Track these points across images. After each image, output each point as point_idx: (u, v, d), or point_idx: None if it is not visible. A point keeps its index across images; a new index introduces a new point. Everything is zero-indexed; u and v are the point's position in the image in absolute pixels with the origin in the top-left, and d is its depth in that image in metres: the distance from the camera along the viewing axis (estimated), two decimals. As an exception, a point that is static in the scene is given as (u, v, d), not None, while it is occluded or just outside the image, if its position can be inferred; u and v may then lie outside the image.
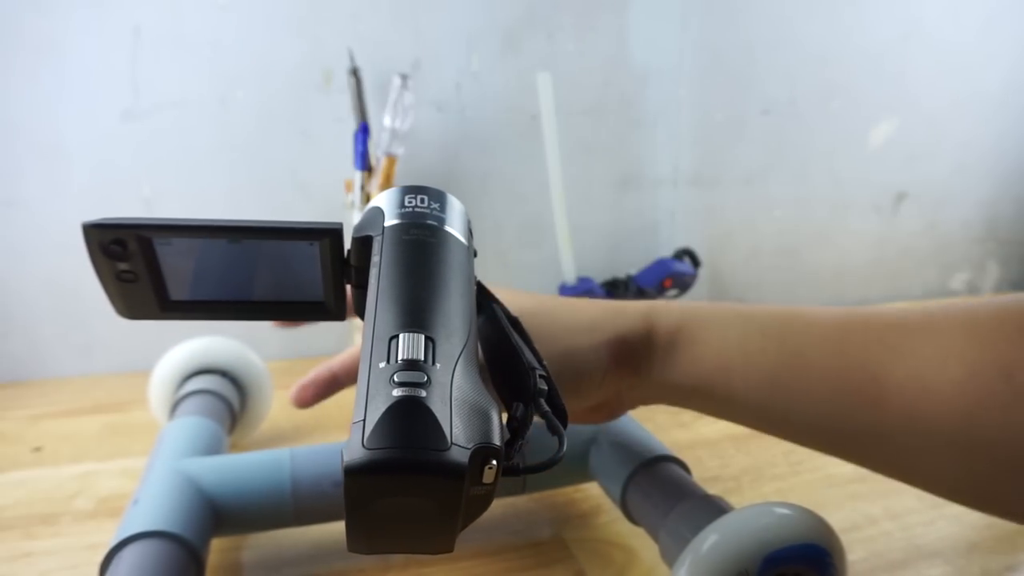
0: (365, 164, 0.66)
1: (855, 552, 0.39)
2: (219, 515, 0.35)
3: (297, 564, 0.39)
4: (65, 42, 0.61)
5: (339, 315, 0.29)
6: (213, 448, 0.41)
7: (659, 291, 0.77)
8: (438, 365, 0.20)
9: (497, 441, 0.20)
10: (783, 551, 0.27)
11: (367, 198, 0.66)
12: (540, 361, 0.25)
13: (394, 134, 0.65)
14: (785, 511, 0.28)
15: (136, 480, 0.48)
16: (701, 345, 0.31)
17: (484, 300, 0.28)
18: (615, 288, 0.77)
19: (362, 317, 0.27)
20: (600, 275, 0.79)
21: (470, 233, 0.27)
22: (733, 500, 0.34)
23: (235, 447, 0.51)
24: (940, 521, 0.42)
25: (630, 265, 0.81)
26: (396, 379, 0.20)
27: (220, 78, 0.65)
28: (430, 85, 0.71)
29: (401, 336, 0.21)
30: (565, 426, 0.23)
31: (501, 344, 0.26)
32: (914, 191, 0.93)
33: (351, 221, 0.67)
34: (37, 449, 0.53)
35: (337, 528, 0.41)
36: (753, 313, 0.31)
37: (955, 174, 0.94)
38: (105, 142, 0.64)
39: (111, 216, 0.27)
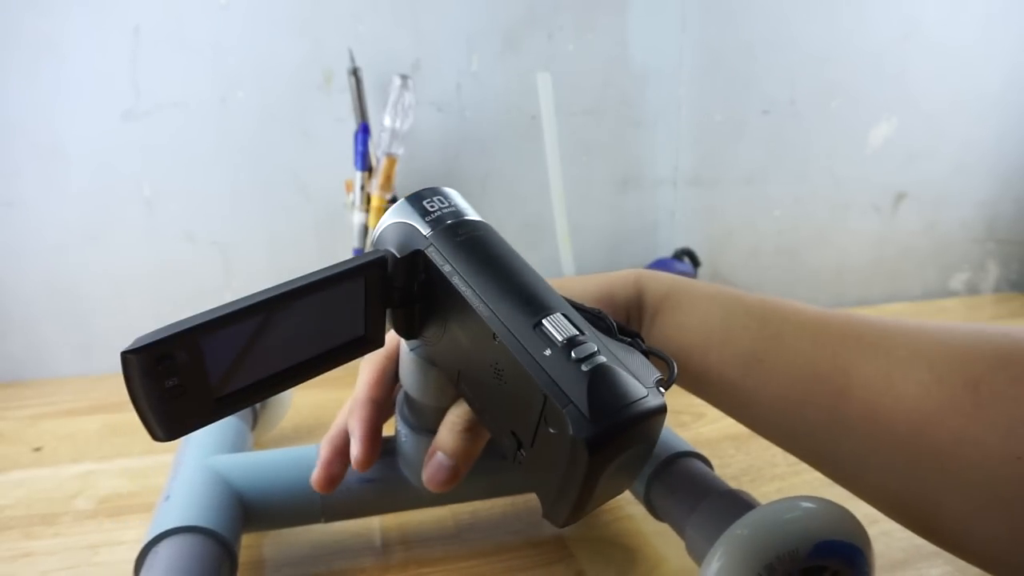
0: (365, 164, 0.66)
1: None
2: (249, 511, 0.35)
3: (296, 564, 0.39)
4: (65, 42, 0.61)
5: (379, 342, 0.27)
6: (239, 445, 0.42)
7: (659, 291, 0.77)
8: (586, 332, 0.23)
9: (657, 373, 0.23)
10: (833, 543, 0.27)
11: (367, 198, 0.66)
12: (591, 309, 0.27)
13: (394, 134, 0.65)
14: (817, 505, 0.29)
15: (136, 480, 0.48)
16: (686, 314, 0.32)
17: None
18: (615, 288, 0.77)
19: (404, 334, 0.28)
20: (600, 275, 0.79)
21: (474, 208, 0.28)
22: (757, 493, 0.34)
23: (256, 444, 0.52)
24: (940, 521, 0.42)
25: (630, 265, 0.81)
26: (574, 356, 0.22)
27: (220, 78, 0.65)
28: (430, 85, 0.71)
29: (544, 321, 0.23)
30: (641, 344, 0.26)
31: None
32: (914, 191, 0.93)
33: (351, 221, 0.67)
34: (37, 449, 0.53)
35: (334, 528, 0.41)
36: (740, 295, 0.32)
37: (955, 174, 0.94)
38: (105, 142, 0.64)
39: (146, 333, 0.22)
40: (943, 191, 0.95)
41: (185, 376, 0.22)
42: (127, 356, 0.21)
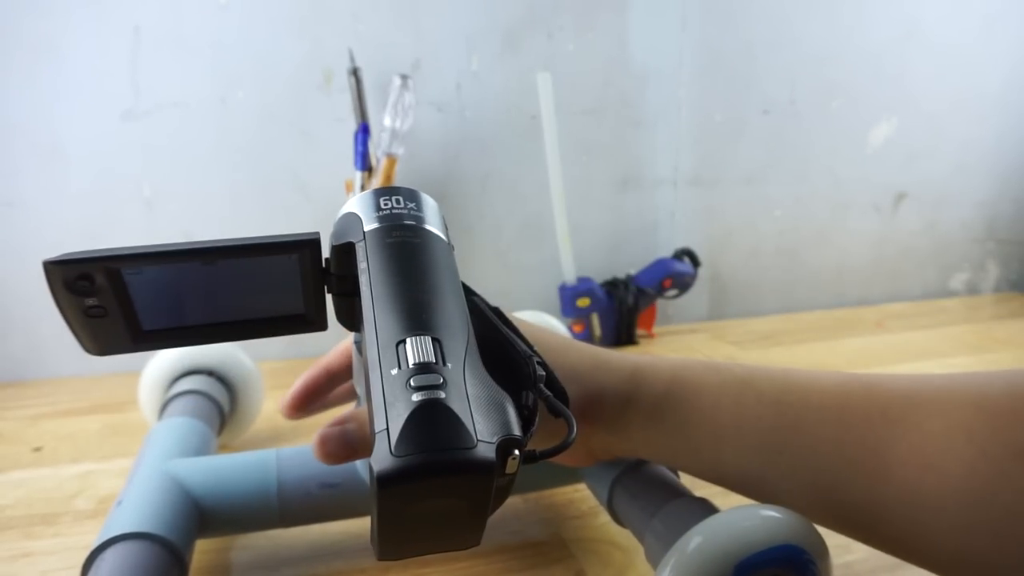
0: (365, 164, 0.66)
1: (855, 552, 0.39)
2: (204, 516, 0.35)
3: (295, 564, 0.39)
4: (65, 43, 0.61)
5: (321, 325, 0.28)
6: (201, 449, 0.41)
7: (659, 291, 0.77)
8: (449, 365, 0.21)
9: (518, 432, 0.20)
10: (753, 557, 0.26)
11: (367, 198, 0.66)
12: (531, 348, 0.25)
13: (394, 134, 0.65)
14: (757, 512, 0.28)
15: (136, 480, 0.48)
16: (691, 410, 0.30)
17: (466, 294, 0.28)
18: (615, 288, 0.77)
19: (344, 324, 0.28)
20: (600, 275, 0.79)
21: (446, 228, 0.26)
22: (723, 503, 0.34)
23: (225, 448, 0.51)
24: (940, 521, 0.42)
25: (630, 265, 0.81)
26: (413, 383, 0.20)
27: (220, 78, 0.65)
28: (430, 85, 0.71)
29: (408, 340, 0.21)
30: (568, 406, 0.23)
31: (488, 335, 0.26)
32: (914, 191, 0.93)
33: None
34: (37, 449, 0.53)
35: (333, 528, 0.41)
36: (749, 377, 0.30)
37: (955, 174, 0.94)
38: (105, 142, 0.64)
39: (73, 251, 0.24)
40: (943, 191, 0.95)
41: (105, 299, 0.25)
42: (47, 265, 0.23)
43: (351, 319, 0.27)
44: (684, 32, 0.78)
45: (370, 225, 0.25)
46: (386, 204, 0.25)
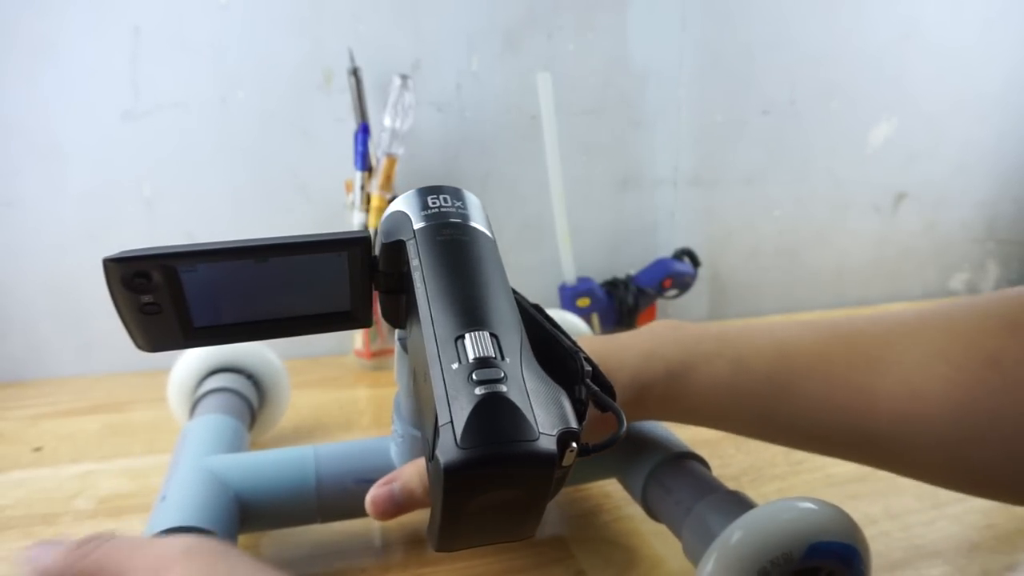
0: (365, 164, 0.66)
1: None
2: (245, 511, 0.35)
3: (295, 564, 0.39)
4: (64, 42, 0.61)
5: (366, 322, 0.29)
6: (236, 445, 0.41)
7: (659, 291, 0.77)
8: (507, 359, 0.21)
9: (575, 424, 0.21)
10: (826, 544, 0.27)
11: (367, 198, 0.66)
12: (575, 343, 0.26)
13: (394, 134, 0.65)
14: (825, 506, 0.29)
15: (136, 480, 0.48)
16: (694, 396, 0.33)
17: None
18: (615, 288, 0.77)
19: (390, 321, 0.28)
20: (600, 275, 0.79)
21: (490, 224, 0.27)
22: (754, 494, 0.34)
23: (255, 444, 0.52)
24: (940, 521, 0.42)
25: (630, 265, 0.81)
26: (475, 377, 0.20)
27: (220, 78, 0.65)
28: (430, 85, 0.71)
29: (467, 336, 0.22)
30: (615, 399, 0.24)
31: (533, 332, 0.26)
32: (914, 191, 0.93)
33: (351, 221, 0.67)
34: (37, 449, 0.53)
35: (334, 528, 0.41)
36: (740, 358, 0.32)
37: (955, 174, 0.94)
38: (105, 142, 0.64)
39: (132, 248, 0.25)
40: (943, 191, 0.95)
41: (160, 296, 0.25)
42: (107, 263, 0.25)
43: (396, 316, 0.28)
44: (684, 32, 0.78)
45: (419, 223, 0.25)
46: (434, 203, 0.26)
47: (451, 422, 0.20)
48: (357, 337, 0.69)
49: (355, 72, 0.65)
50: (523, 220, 0.77)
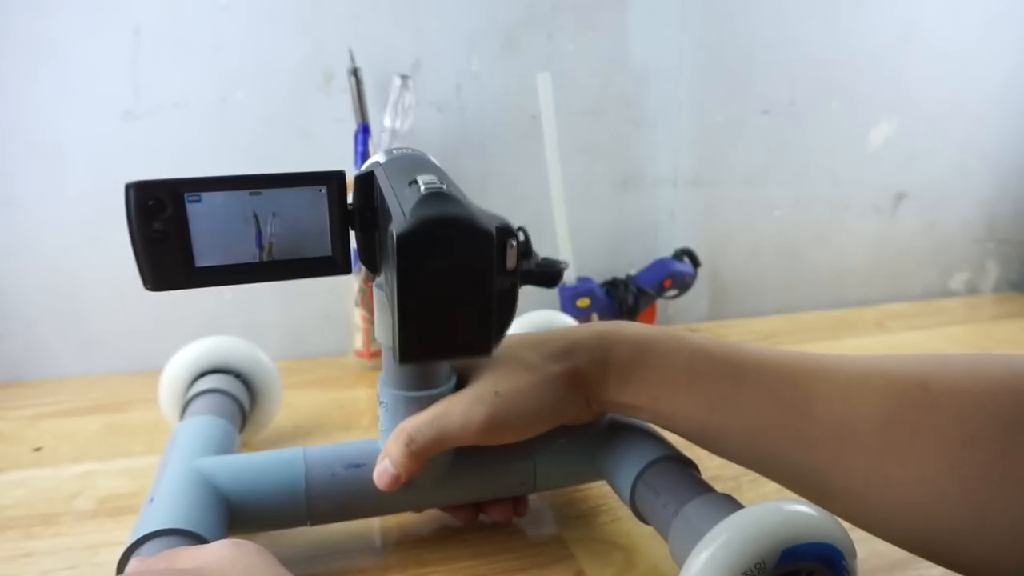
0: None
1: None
2: (234, 513, 0.35)
3: (295, 564, 0.39)
4: (64, 42, 0.61)
5: (346, 268, 0.32)
6: (226, 447, 0.41)
7: (659, 291, 0.77)
8: (446, 186, 0.26)
9: (513, 227, 0.27)
10: (800, 547, 0.27)
11: (367, 198, 0.66)
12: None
13: (394, 134, 0.65)
14: (799, 508, 0.29)
15: (136, 480, 0.48)
16: (652, 368, 0.35)
17: None
18: (615, 288, 0.77)
19: (367, 264, 0.33)
20: (600, 275, 0.79)
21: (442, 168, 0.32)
22: (744, 498, 0.34)
23: (245, 446, 0.52)
24: (940, 521, 0.42)
25: (630, 265, 0.81)
26: (423, 189, 0.25)
27: (221, 78, 0.65)
28: (430, 85, 0.71)
29: (419, 177, 0.26)
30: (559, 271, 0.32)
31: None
32: (914, 191, 0.93)
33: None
34: (37, 449, 0.53)
35: (334, 528, 0.41)
36: (705, 344, 0.35)
37: (955, 174, 0.94)
38: (105, 143, 0.64)
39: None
40: (943, 191, 0.95)
41: (169, 225, 0.30)
42: (128, 186, 0.30)
43: (373, 257, 0.32)
44: (684, 32, 0.78)
45: (383, 158, 0.32)
46: (397, 149, 0.33)
47: (402, 212, 0.24)
48: (357, 337, 0.69)
49: (355, 72, 0.65)
50: (523, 220, 0.77)
